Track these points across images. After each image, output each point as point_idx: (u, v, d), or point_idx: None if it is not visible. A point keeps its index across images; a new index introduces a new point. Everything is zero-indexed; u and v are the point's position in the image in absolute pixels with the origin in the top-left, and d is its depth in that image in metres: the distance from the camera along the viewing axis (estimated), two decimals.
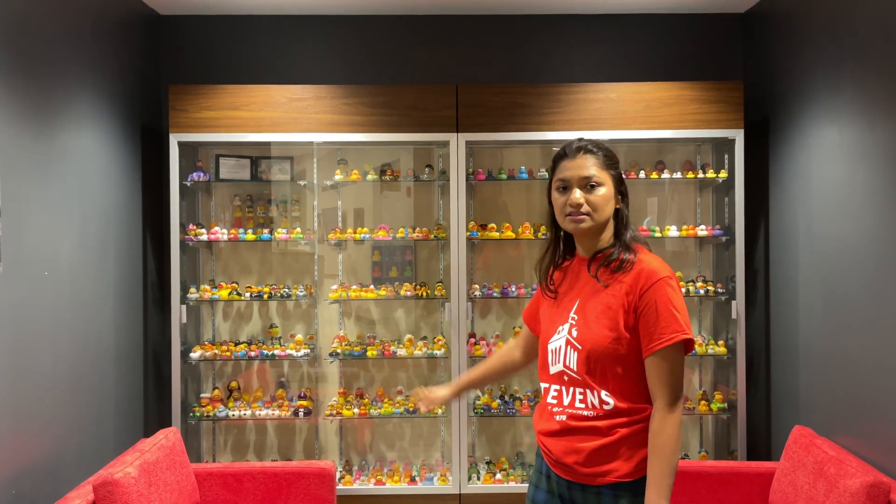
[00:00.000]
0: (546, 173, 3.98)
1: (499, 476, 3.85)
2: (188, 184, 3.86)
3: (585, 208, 1.78)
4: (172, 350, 3.75)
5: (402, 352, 3.91)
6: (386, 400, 4.00)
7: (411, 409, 3.90)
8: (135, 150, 3.80)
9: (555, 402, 1.89)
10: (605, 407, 1.75)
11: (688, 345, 1.70)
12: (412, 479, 3.86)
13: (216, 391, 3.97)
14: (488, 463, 4.04)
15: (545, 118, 3.83)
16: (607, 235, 1.84)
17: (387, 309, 4.21)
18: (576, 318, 1.82)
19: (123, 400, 3.62)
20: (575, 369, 1.80)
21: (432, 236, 3.97)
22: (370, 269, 4.20)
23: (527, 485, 3.79)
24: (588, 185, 1.80)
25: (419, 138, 3.82)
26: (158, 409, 4.03)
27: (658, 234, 3.98)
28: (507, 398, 4.02)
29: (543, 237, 3.83)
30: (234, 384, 4.04)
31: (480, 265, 4.19)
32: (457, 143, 3.81)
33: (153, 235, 4.00)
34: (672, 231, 3.96)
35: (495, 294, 3.96)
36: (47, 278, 2.89)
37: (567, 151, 1.88)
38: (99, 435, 3.34)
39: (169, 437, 3.10)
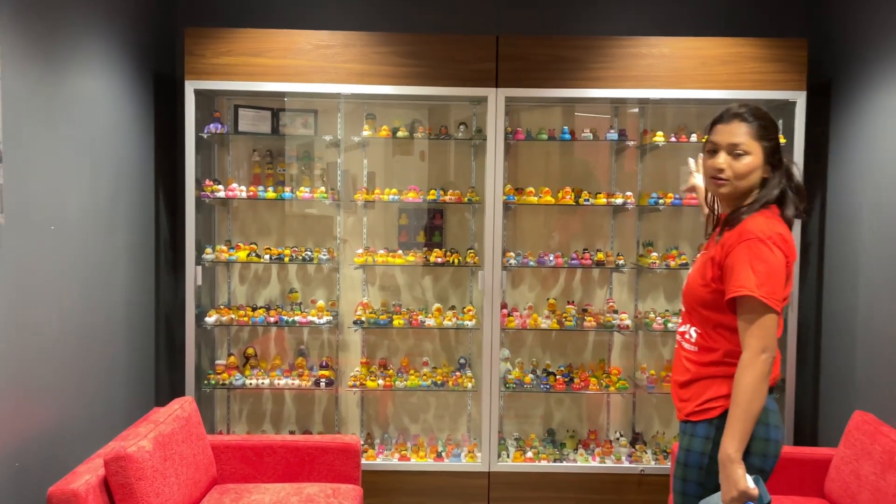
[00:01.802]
0: (591, 134, 3.70)
1: (529, 454, 3.64)
2: (204, 136, 3.58)
3: (727, 174, 1.87)
4: (186, 314, 3.52)
5: (430, 322, 3.67)
6: (412, 371, 3.78)
7: (439, 382, 3.68)
8: (147, 98, 3.52)
9: (678, 326, 2.07)
10: (691, 340, 1.95)
11: (767, 305, 1.74)
12: (438, 455, 3.66)
13: (231, 358, 3.75)
14: (517, 440, 3.83)
15: (591, 74, 3.53)
16: (748, 201, 1.89)
17: (413, 276, 3.96)
18: (695, 263, 2.04)
19: (134, 366, 3.40)
20: (683, 301, 2.05)
21: (465, 199, 3.70)
22: (396, 233, 3.94)
23: (557, 463, 3.61)
24: (734, 151, 1.86)
25: (455, 93, 3.52)
26: (170, 375, 3.82)
27: None
28: (539, 373, 3.79)
29: (586, 202, 3.56)
30: (250, 351, 3.82)
31: (514, 231, 3.92)
32: (495, 100, 3.51)
33: (166, 191, 3.74)
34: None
35: (531, 263, 3.71)
36: (53, 233, 2.64)
37: (723, 115, 1.91)
38: (108, 403, 3.13)
39: (185, 406, 2.88)
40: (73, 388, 2.80)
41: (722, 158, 1.87)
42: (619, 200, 3.69)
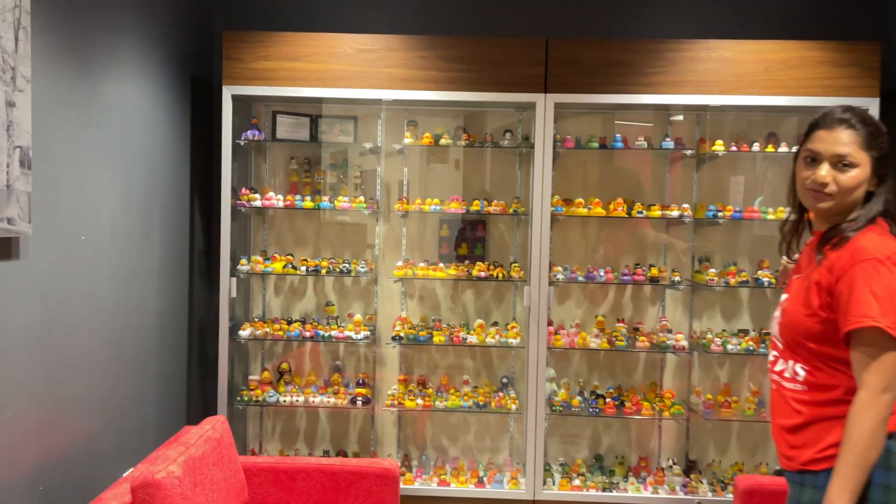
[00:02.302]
0: (645, 142, 3.48)
1: (576, 482, 3.42)
2: (241, 143, 3.47)
3: (831, 188, 1.66)
4: (220, 327, 3.39)
5: (472, 339, 3.49)
6: (452, 391, 3.59)
7: (481, 403, 3.49)
8: (183, 103, 3.42)
9: (770, 365, 1.85)
10: (798, 378, 1.71)
11: (893, 337, 1.52)
12: (479, 481, 3.47)
13: (265, 373, 3.61)
14: (563, 465, 3.62)
15: (646, 79, 3.33)
16: (852, 216, 1.68)
17: (453, 289, 3.78)
18: (790, 288, 1.81)
19: (166, 380, 3.28)
20: (778, 336, 1.80)
21: (511, 210, 3.52)
22: (436, 245, 3.77)
23: (607, 493, 3.39)
24: (840, 163, 1.65)
25: (502, 98, 3.35)
26: (202, 391, 3.70)
27: (771, 216, 3.47)
28: (587, 395, 3.58)
29: (639, 215, 3.36)
30: (284, 366, 3.68)
31: (560, 244, 3.72)
32: (544, 106, 3.33)
33: (201, 199, 3.63)
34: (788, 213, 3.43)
35: (580, 278, 3.50)
36: (84, 243, 2.52)
37: (825, 121, 1.69)
38: (139, 420, 3.01)
39: (216, 427, 2.74)
40: (103, 405, 2.68)
41: (825, 170, 1.66)
42: (675, 213, 3.47)
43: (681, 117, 3.66)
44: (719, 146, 3.43)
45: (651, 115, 3.67)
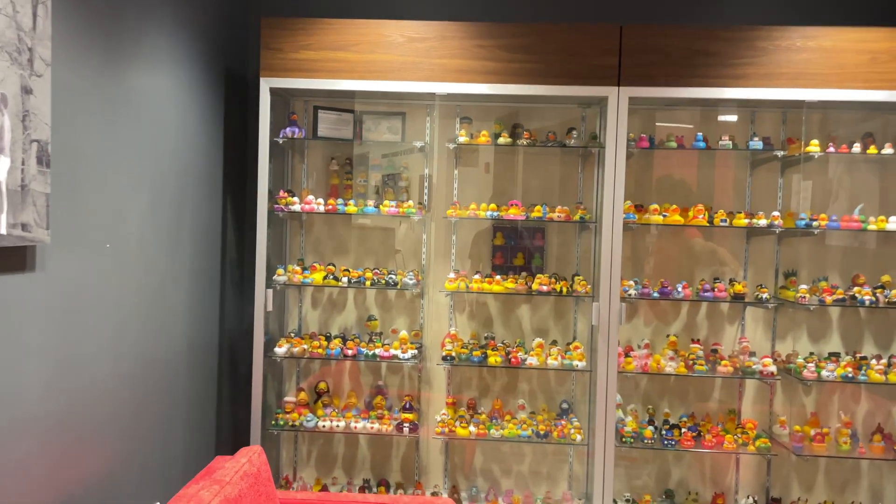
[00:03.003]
0: (729, 142, 3.10)
1: None
2: (279, 141, 3.15)
3: None
4: (255, 344, 3.08)
5: (532, 360, 3.13)
6: (507, 417, 3.24)
7: (541, 433, 3.13)
8: (217, 97, 3.11)
9: None
10: None
11: None
12: None
13: (301, 394, 3.28)
14: (628, 501, 3.25)
15: (733, 70, 2.96)
16: None
17: (508, 304, 3.44)
18: None
19: (195, 405, 2.97)
20: None
21: (576, 217, 3.16)
22: (489, 254, 3.43)
23: None
24: None
25: (570, 92, 3.00)
26: (233, 413, 3.38)
27: (872, 227, 3.08)
28: (660, 425, 3.20)
29: (722, 223, 2.99)
30: (322, 386, 3.36)
31: (629, 256, 3.36)
32: (617, 100, 2.97)
33: (234, 203, 3.32)
34: (892, 223, 3.05)
35: (654, 294, 3.13)
36: (109, 252, 2.21)
37: None
38: (166, 451, 2.69)
39: (253, 460, 2.42)
40: (127, 434, 2.37)
41: None
42: (762, 221, 3.09)
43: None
44: (814, 147, 3.05)
45: (736, 111, 3.30)
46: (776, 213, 3.10)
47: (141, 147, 2.42)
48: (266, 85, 3.03)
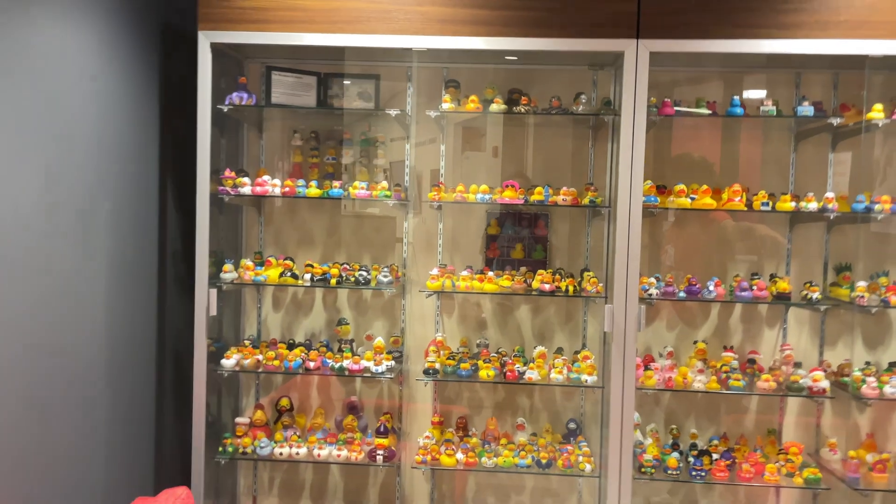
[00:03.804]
0: (773, 108, 2.54)
1: None
2: (224, 109, 2.61)
3: None
4: (195, 354, 2.55)
5: (532, 374, 2.59)
6: (503, 441, 2.71)
7: (544, 462, 2.59)
8: (150, 58, 2.57)
9: None
10: None
11: None
12: None
13: (259, 413, 2.75)
14: None
15: (781, 19, 2.39)
16: None
17: (505, 305, 2.90)
18: None
19: (123, 431, 2.45)
20: None
21: (585, 201, 2.61)
22: (482, 246, 2.89)
23: None
24: None
25: (578, 47, 2.44)
26: (180, 435, 2.86)
27: None
28: (686, 450, 2.66)
29: (764, 207, 2.43)
30: (284, 402, 2.83)
31: (647, 246, 2.81)
32: (635, 56, 2.41)
33: (178, 185, 2.78)
34: None
35: (680, 294, 2.58)
36: None
37: None
38: (77, 491, 2.17)
39: None
40: (18, 473, 1.85)
41: None
42: (812, 205, 2.53)
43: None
44: (878, 113, 2.48)
45: (770, 73, 2.74)
46: (829, 195, 2.53)
47: (41, 114, 1.91)
48: (206, 39, 2.48)
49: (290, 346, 2.79)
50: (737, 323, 2.84)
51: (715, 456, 2.59)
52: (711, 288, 2.55)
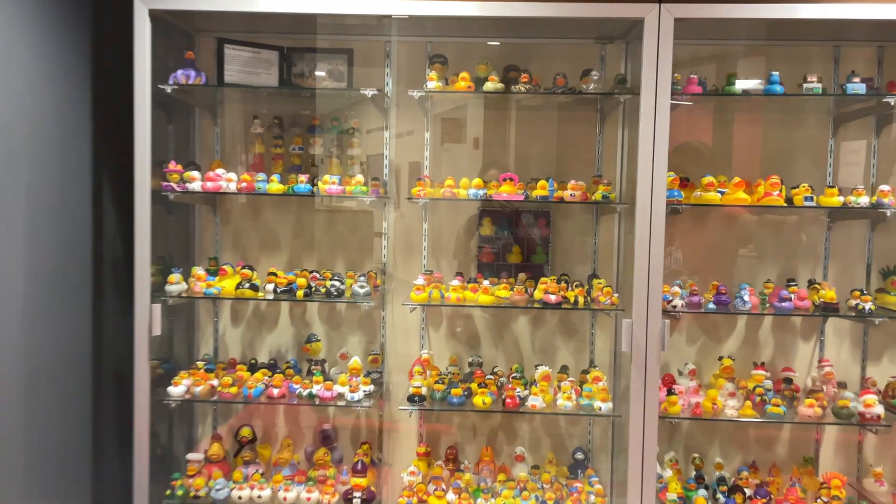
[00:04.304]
0: (818, 85, 2.17)
1: None
2: (168, 89, 2.19)
3: None
4: (136, 382, 2.13)
5: (536, 401, 2.20)
6: (501, 478, 2.32)
7: (551, 503, 2.21)
8: (80, 27, 2.15)
9: None
10: None
11: None
12: None
13: (215, 446, 2.35)
14: None
15: None
16: None
17: (500, 316, 2.52)
18: None
19: (49, 472, 2.03)
20: None
21: (597, 196, 2.23)
22: (475, 249, 2.50)
23: None
24: None
25: (589, 13, 2.05)
26: (124, 474, 2.43)
27: None
28: (715, 487, 2.29)
29: (807, 202, 2.07)
30: (245, 432, 2.42)
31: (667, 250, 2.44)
32: (657, 22, 2.03)
33: (115, 183, 2.36)
34: None
35: (710, 306, 2.21)
36: None
37: None
38: None
39: None
40: None
41: None
42: (863, 199, 2.16)
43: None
44: None
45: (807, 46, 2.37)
46: (885, 188, 2.16)
47: None
48: (143, 6, 2.06)
49: (252, 368, 2.39)
50: (766, 335, 2.48)
51: (748, 492, 2.23)
52: (746, 298, 2.17)
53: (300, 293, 2.23)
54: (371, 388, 2.27)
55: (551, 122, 2.48)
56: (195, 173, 2.23)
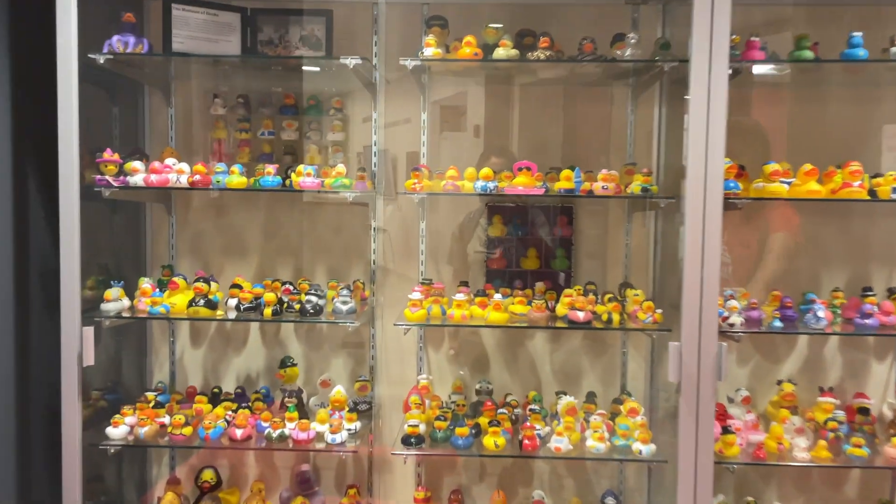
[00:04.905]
0: None
1: None
2: (100, 59, 1.76)
3: None
4: (63, 424, 1.72)
5: (559, 443, 1.79)
6: None
7: None
8: None
9: None
10: None
11: None
12: None
13: (169, 496, 1.93)
14: None
15: None
16: None
17: (511, 333, 2.10)
18: None
19: None
20: None
21: (636, 189, 1.81)
22: (481, 252, 2.08)
23: None
24: None
25: None
26: None
27: None
28: None
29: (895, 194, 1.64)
30: (208, 475, 2.01)
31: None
32: None
33: (45, 177, 1.93)
34: None
35: (775, 323, 1.79)
36: None
37: None
38: None
39: None
40: None
41: None
42: None
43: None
44: None
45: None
46: None
47: None
48: None
49: (215, 399, 1.98)
50: (833, 353, 2.07)
51: None
52: (821, 314, 1.75)
53: (268, 311, 1.81)
54: (357, 425, 1.86)
55: (573, 100, 2.07)
56: (138, 164, 1.81)
